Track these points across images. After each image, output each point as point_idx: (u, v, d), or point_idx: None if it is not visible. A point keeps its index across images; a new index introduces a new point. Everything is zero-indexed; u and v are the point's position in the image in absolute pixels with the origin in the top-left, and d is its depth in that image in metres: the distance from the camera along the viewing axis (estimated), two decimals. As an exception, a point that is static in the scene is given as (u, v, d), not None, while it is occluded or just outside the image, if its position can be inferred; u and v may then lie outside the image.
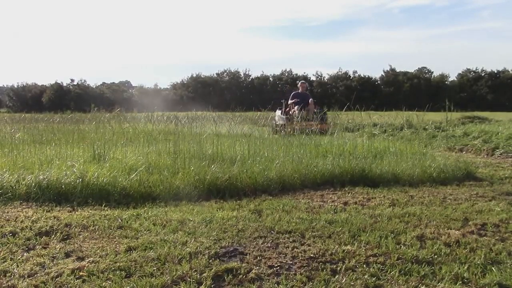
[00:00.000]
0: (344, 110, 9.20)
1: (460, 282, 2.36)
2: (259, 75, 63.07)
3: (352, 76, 60.22)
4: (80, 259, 2.72)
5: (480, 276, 2.42)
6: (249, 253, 2.80)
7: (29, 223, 3.42)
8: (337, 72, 60.93)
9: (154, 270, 2.52)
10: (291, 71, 63.09)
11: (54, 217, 3.63)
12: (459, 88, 55.40)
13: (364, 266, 2.57)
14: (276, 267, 2.58)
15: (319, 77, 61.49)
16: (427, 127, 13.03)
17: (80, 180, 4.41)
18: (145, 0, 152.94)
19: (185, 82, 63.57)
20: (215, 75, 64.10)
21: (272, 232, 3.25)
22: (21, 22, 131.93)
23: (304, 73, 62.48)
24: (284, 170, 5.26)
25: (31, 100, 59.50)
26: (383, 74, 60.06)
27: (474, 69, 57.74)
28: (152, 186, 4.56)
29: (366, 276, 2.42)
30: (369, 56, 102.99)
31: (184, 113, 14.61)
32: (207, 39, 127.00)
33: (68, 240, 3.10)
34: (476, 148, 8.76)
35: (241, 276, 2.45)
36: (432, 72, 59.53)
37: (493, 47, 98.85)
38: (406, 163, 5.66)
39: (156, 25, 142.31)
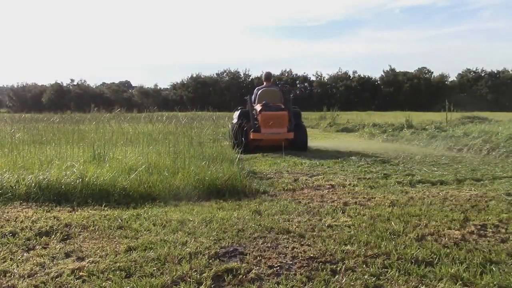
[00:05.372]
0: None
1: (460, 282, 2.35)
2: (259, 75, 62.95)
3: (352, 76, 60.18)
4: (80, 259, 2.72)
5: (480, 276, 2.42)
6: (249, 253, 2.80)
7: (29, 223, 3.42)
8: (337, 72, 60.95)
9: (154, 270, 2.52)
10: (291, 71, 62.91)
11: (54, 217, 3.63)
12: (459, 88, 55.34)
13: (364, 266, 2.57)
14: (276, 267, 2.58)
15: (319, 77, 61.47)
16: (427, 127, 13.06)
17: (80, 180, 4.41)
18: (144, 1, 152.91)
19: (185, 82, 63.51)
20: (215, 75, 64.07)
21: (272, 232, 3.25)
22: (21, 22, 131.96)
23: (304, 73, 62.56)
24: (284, 170, 5.26)
25: (31, 100, 59.46)
26: (383, 74, 60.02)
27: (474, 69, 57.79)
28: (152, 186, 4.56)
29: (366, 276, 2.42)
30: (369, 56, 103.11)
31: (184, 113, 14.60)
32: (207, 39, 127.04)
33: (68, 240, 3.10)
34: (476, 148, 8.76)
35: (241, 276, 2.45)
36: (432, 72, 59.55)
37: (493, 47, 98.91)
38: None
39: (155, 26, 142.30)
